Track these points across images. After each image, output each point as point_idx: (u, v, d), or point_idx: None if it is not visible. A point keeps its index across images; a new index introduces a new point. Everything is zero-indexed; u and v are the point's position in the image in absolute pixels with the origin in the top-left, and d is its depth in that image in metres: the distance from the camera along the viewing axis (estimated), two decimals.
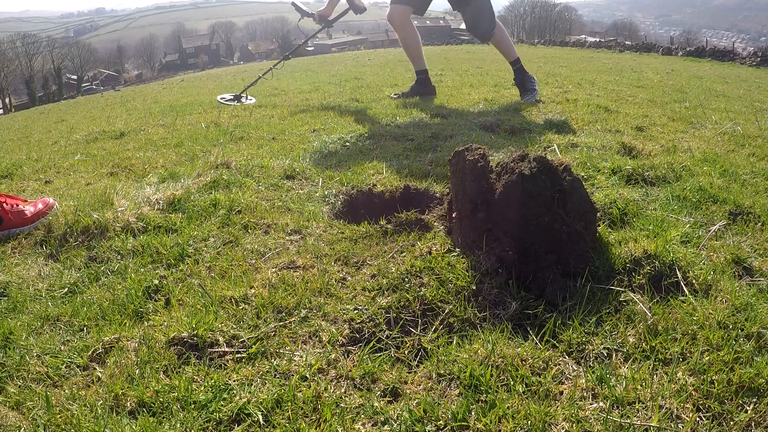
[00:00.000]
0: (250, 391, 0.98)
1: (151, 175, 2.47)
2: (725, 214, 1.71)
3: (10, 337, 1.24)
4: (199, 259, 1.56)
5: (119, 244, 1.67)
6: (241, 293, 1.31)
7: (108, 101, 9.26)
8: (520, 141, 2.61)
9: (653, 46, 17.36)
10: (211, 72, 18.54)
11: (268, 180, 2.20)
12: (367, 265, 1.46)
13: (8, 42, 49.94)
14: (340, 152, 2.62)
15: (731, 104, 4.50)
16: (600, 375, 1.01)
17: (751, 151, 2.57)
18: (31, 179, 2.80)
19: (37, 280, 1.52)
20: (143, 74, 66.64)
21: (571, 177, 1.38)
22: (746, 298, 1.22)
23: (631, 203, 1.72)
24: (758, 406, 0.93)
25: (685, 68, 9.82)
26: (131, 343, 1.16)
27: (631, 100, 4.29)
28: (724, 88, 6.08)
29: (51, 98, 39.06)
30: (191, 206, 1.92)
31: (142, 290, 1.40)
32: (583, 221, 1.38)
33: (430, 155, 2.40)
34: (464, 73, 6.85)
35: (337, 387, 1.01)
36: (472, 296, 1.24)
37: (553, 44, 21.59)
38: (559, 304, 1.23)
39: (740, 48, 19.19)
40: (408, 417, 0.92)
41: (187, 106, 5.43)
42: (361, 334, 1.16)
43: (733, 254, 1.43)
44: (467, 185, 1.38)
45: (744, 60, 13.76)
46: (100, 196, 2.01)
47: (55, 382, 1.08)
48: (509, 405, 0.94)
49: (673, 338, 1.10)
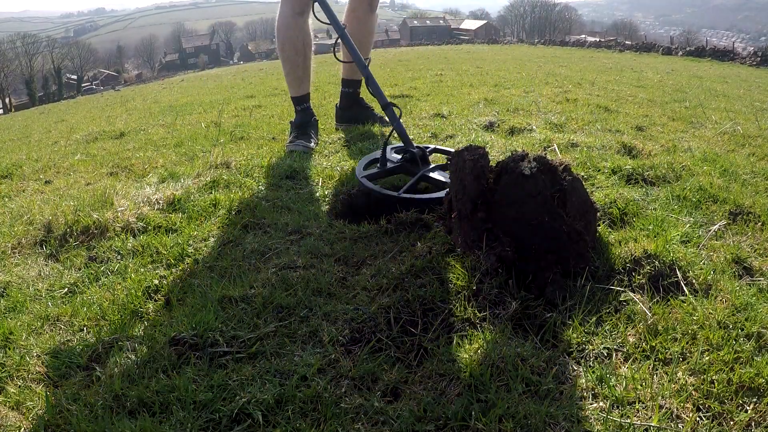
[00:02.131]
0: (250, 391, 0.98)
1: (151, 175, 2.47)
2: (725, 213, 1.71)
3: (10, 337, 1.24)
4: (199, 259, 1.56)
5: (119, 244, 1.68)
6: (241, 293, 1.31)
7: (108, 101, 9.26)
8: (520, 141, 2.61)
9: (653, 46, 17.37)
10: (211, 72, 18.54)
11: (268, 180, 2.20)
12: (367, 265, 1.46)
13: (8, 42, 49.97)
14: (340, 152, 2.62)
15: (731, 104, 4.50)
16: (600, 375, 1.01)
17: (751, 151, 2.57)
18: (31, 179, 2.80)
19: (37, 280, 1.52)
20: (143, 74, 66.64)
21: (571, 177, 1.37)
22: (746, 298, 1.22)
23: (631, 203, 1.72)
24: (758, 406, 0.93)
25: (685, 68, 9.82)
26: (131, 343, 1.16)
27: (631, 100, 4.29)
28: (724, 88, 6.09)
29: (51, 98, 39.08)
30: (191, 206, 1.92)
31: (142, 290, 1.40)
32: (583, 221, 1.38)
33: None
34: (464, 73, 6.85)
35: (337, 387, 1.01)
36: (472, 296, 1.24)
37: (553, 44, 21.58)
38: (559, 304, 1.23)
39: (740, 48, 19.19)
40: (408, 417, 0.92)
41: (187, 106, 5.43)
42: (361, 334, 1.16)
43: (733, 254, 1.43)
44: (467, 185, 1.38)
45: (744, 60, 13.76)
46: (100, 196, 2.01)
47: (55, 382, 1.08)
48: (509, 405, 0.94)
49: (673, 338, 1.10)
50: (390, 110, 2.15)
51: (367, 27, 3.01)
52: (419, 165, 1.95)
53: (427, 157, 2.00)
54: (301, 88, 2.86)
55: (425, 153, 2.00)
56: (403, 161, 2.01)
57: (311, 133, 2.82)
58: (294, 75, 2.82)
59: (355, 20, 2.97)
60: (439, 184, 1.86)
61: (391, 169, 2.02)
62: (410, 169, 1.99)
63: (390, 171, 2.02)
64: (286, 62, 2.81)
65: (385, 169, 2.01)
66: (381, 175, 2.01)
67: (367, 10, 2.98)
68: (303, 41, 2.74)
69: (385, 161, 2.02)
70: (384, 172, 2.01)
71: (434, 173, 1.90)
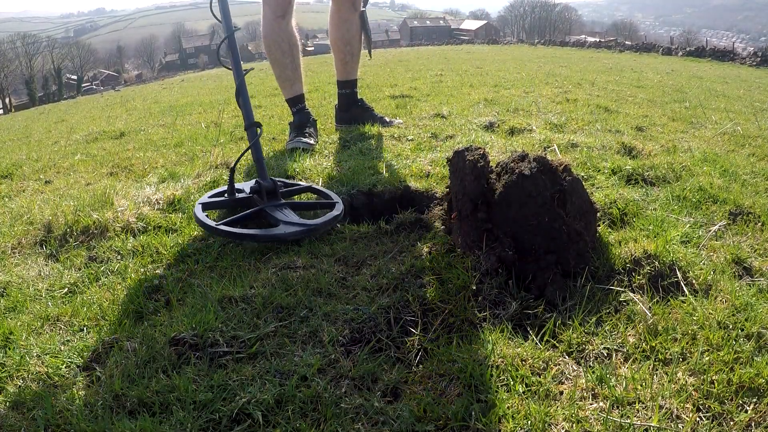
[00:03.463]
0: (250, 391, 0.98)
1: (151, 175, 2.48)
2: (725, 214, 1.71)
3: (10, 337, 1.24)
4: (199, 259, 1.56)
5: (119, 244, 1.67)
6: (241, 293, 1.31)
7: (108, 101, 9.26)
8: (520, 141, 2.61)
9: (653, 46, 17.39)
10: (211, 72, 18.55)
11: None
12: (367, 265, 1.46)
13: (8, 42, 49.97)
14: (339, 152, 2.62)
15: (731, 104, 4.50)
16: (600, 375, 1.01)
17: (751, 151, 2.57)
18: (31, 179, 2.80)
19: (37, 280, 1.52)
20: (143, 74, 66.65)
21: (571, 177, 1.37)
22: (746, 298, 1.22)
23: (631, 203, 1.72)
24: (758, 406, 0.93)
25: (685, 68, 9.82)
26: (131, 343, 1.16)
27: (631, 100, 4.29)
28: (724, 88, 6.09)
29: (51, 98, 39.07)
30: (191, 206, 1.92)
31: (142, 290, 1.40)
32: (583, 221, 1.38)
33: (430, 155, 2.40)
34: (464, 73, 6.85)
35: (337, 387, 1.01)
36: (472, 296, 1.24)
37: (553, 44, 21.59)
38: (559, 304, 1.23)
39: (740, 48, 19.20)
40: (408, 417, 0.92)
41: (187, 106, 5.43)
42: (361, 334, 1.16)
43: (733, 254, 1.43)
44: (467, 185, 1.38)
45: (744, 60, 13.77)
46: (100, 196, 2.01)
47: (55, 382, 1.08)
48: (509, 405, 0.94)
49: (673, 338, 1.10)
50: (252, 131, 1.87)
51: (354, 27, 3.01)
52: (263, 199, 1.78)
53: (278, 191, 1.81)
54: (294, 89, 2.86)
55: (276, 187, 1.81)
56: (251, 193, 1.83)
57: (311, 132, 2.83)
58: (284, 77, 2.84)
59: (341, 21, 2.98)
60: (274, 222, 1.67)
61: (238, 200, 1.85)
62: (256, 203, 1.81)
63: (237, 202, 1.85)
64: (275, 65, 2.83)
65: (232, 199, 1.84)
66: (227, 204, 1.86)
67: (351, 10, 2.98)
68: (288, 42, 2.76)
69: (233, 191, 1.85)
70: (231, 201, 1.84)
71: (278, 211, 1.72)
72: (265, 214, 1.72)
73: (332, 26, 3.04)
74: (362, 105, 3.18)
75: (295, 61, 2.82)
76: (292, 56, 2.79)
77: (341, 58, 3.05)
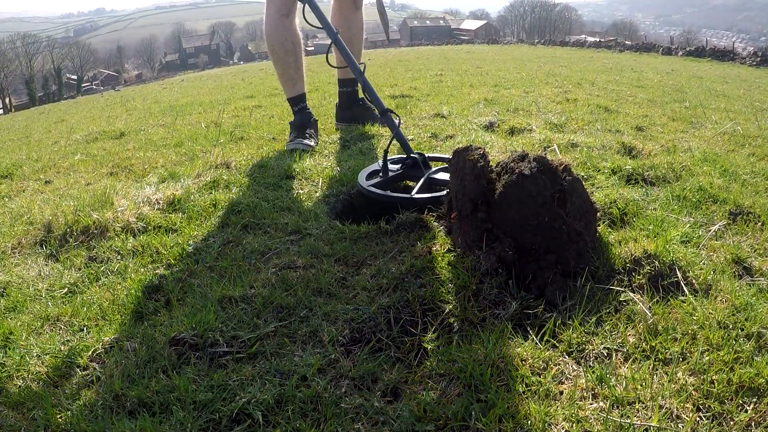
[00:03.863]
0: (250, 391, 0.98)
1: (151, 175, 2.48)
2: (725, 214, 1.71)
3: (10, 337, 1.24)
4: (199, 259, 1.56)
5: (119, 244, 1.67)
6: (241, 293, 1.31)
7: (108, 101, 9.27)
8: (520, 141, 2.61)
9: (653, 46, 17.39)
10: (211, 72, 18.55)
11: (268, 180, 2.20)
12: (367, 265, 1.46)
13: (8, 42, 49.97)
14: (339, 152, 2.62)
15: (731, 104, 4.50)
16: (600, 375, 1.01)
17: (751, 151, 2.57)
18: (31, 179, 2.80)
19: (37, 280, 1.52)
20: (143, 74, 66.64)
21: (571, 177, 1.37)
22: (746, 298, 1.22)
23: (631, 203, 1.72)
24: (758, 406, 0.93)
25: (685, 68, 9.83)
26: (131, 343, 1.16)
27: (631, 100, 4.29)
28: (724, 88, 6.09)
29: (51, 98, 39.08)
30: (191, 206, 1.92)
31: (142, 290, 1.40)
32: (583, 221, 1.38)
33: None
34: (464, 73, 6.85)
35: (337, 387, 1.01)
36: (472, 296, 1.24)
37: (553, 44, 21.60)
38: (559, 304, 1.23)
39: (740, 48, 19.20)
40: (408, 417, 0.92)
41: (187, 106, 5.44)
42: (361, 334, 1.16)
43: (733, 254, 1.43)
44: (467, 185, 1.38)
45: (744, 60, 13.77)
46: (100, 196, 2.01)
47: (55, 382, 1.08)
48: (509, 405, 0.94)
49: (673, 338, 1.10)
50: (388, 117, 2.14)
51: (356, 24, 3.01)
52: (422, 169, 2.01)
53: (428, 161, 2.06)
54: (296, 89, 2.86)
55: (425, 158, 2.05)
56: (405, 168, 2.06)
57: (311, 132, 2.82)
58: (287, 76, 2.83)
59: (342, 19, 2.98)
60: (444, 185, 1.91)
61: (394, 177, 2.06)
62: (413, 175, 2.03)
63: (394, 179, 2.06)
64: (278, 64, 2.82)
65: (389, 177, 2.04)
66: (386, 183, 2.04)
67: (353, 8, 2.98)
68: (292, 41, 2.75)
69: (386, 170, 2.05)
70: (389, 179, 2.04)
71: (438, 174, 1.97)
72: (431, 179, 1.94)
73: (334, 24, 3.04)
74: (363, 104, 3.19)
75: (298, 60, 2.81)
76: (295, 55, 2.78)
77: (344, 62, 3.05)
